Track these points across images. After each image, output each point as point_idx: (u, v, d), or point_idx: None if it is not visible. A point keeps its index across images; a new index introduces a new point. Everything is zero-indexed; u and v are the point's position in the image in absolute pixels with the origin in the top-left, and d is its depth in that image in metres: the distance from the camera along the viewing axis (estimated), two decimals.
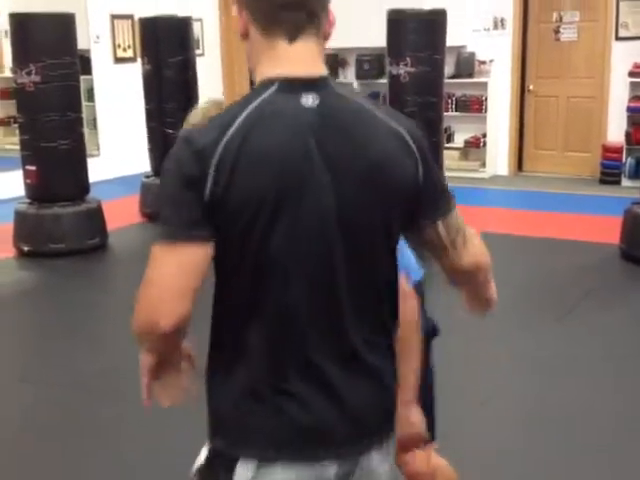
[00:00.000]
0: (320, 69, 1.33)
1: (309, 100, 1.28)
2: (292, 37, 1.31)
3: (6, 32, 8.63)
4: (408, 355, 1.66)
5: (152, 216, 6.14)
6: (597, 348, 4.03)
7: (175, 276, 1.26)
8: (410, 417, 1.68)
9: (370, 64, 9.00)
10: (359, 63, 9.10)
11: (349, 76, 9.31)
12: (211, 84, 9.48)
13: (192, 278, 1.27)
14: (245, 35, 1.34)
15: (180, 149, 1.26)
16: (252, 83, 1.68)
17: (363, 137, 1.31)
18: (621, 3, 7.80)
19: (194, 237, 1.25)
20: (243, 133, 1.24)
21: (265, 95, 1.28)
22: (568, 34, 8.27)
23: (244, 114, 1.26)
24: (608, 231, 5.81)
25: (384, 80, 8.05)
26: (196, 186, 1.23)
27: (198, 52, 8.08)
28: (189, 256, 1.26)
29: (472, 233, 1.49)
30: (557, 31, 8.33)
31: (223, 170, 1.23)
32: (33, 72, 5.46)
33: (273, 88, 1.29)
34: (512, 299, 4.81)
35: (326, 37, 1.37)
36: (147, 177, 6.74)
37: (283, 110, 1.28)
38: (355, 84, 9.16)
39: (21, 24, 5.64)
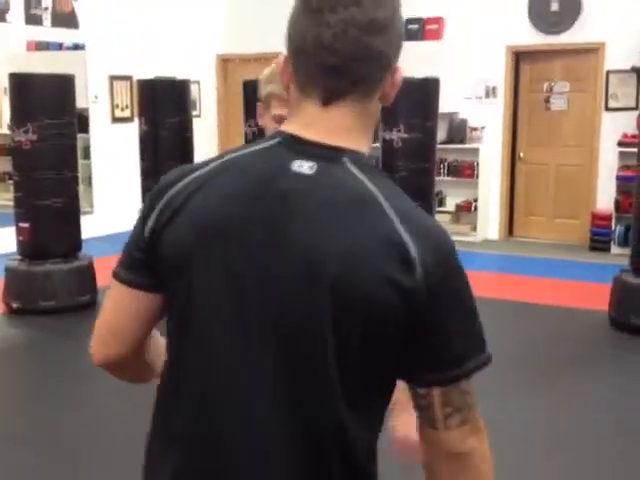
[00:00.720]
0: (346, 140, 1.10)
1: (302, 167, 1.08)
2: (326, 102, 1.10)
3: (5, 90, 8.80)
4: None
5: None
6: (584, 417, 4.01)
7: (110, 312, 1.19)
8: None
9: None
10: None
11: None
12: (207, 145, 9.60)
13: (127, 321, 1.16)
14: (287, 87, 1.15)
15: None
16: (247, 142, 1.73)
17: (335, 228, 1.04)
18: (610, 75, 7.99)
19: (127, 281, 1.16)
20: (202, 181, 1.11)
21: (257, 147, 1.14)
22: (558, 104, 8.44)
23: (219, 162, 1.13)
24: (597, 298, 5.84)
25: (377, 144, 8.19)
26: (144, 222, 1.14)
27: (195, 113, 8.19)
28: (124, 298, 1.16)
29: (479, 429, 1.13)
30: (547, 100, 8.50)
31: (166, 213, 1.10)
32: (30, 131, 5.53)
33: (273, 142, 1.13)
34: (500, 365, 4.80)
35: (386, 100, 1.15)
36: None
37: (260, 168, 1.10)
38: None
39: (20, 84, 5.73)
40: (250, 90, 7.15)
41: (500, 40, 8.38)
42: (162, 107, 6.83)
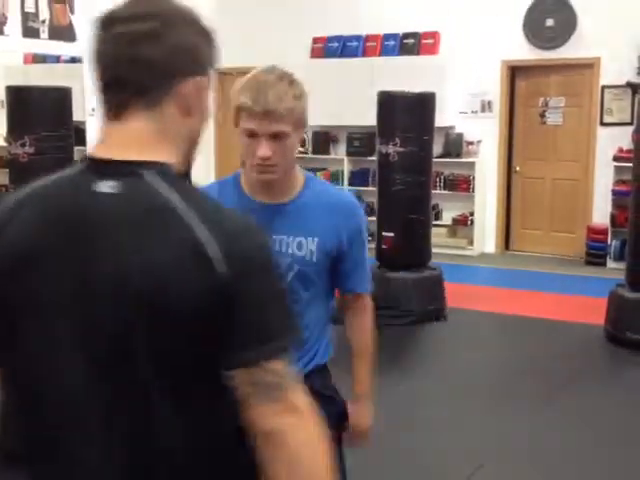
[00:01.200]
0: (143, 153, 1.12)
1: (105, 187, 1.10)
2: (114, 117, 1.15)
3: (2, 102, 8.81)
4: (363, 358, 2.00)
5: None
6: (582, 432, 4.00)
7: None
8: (359, 411, 2.03)
9: (360, 142, 9.17)
10: (349, 140, 9.28)
11: (340, 153, 9.47)
12: (204, 174, 9.63)
13: None
14: None
15: None
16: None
17: (136, 244, 1.07)
18: (605, 90, 8.02)
19: None
20: (9, 215, 1.13)
21: (64, 174, 1.16)
22: (554, 118, 8.47)
23: (24, 193, 1.15)
24: (593, 312, 5.84)
25: (374, 157, 8.20)
26: None
27: None
28: None
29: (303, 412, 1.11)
30: (543, 115, 8.53)
31: None
32: (27, 143, 5.53)
33: (79, 166, 1.15)
34: (496, 379, 4.80)
35: (189, 113, 1.17)
36: None
37: (63, 195, 1.14)
38: (345, 160, 9.31)
39: (17, 96, 5.74)
40: None
41: (496, 55, 8.41)
42: None
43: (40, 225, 1.12)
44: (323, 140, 9.52)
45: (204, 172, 9.69)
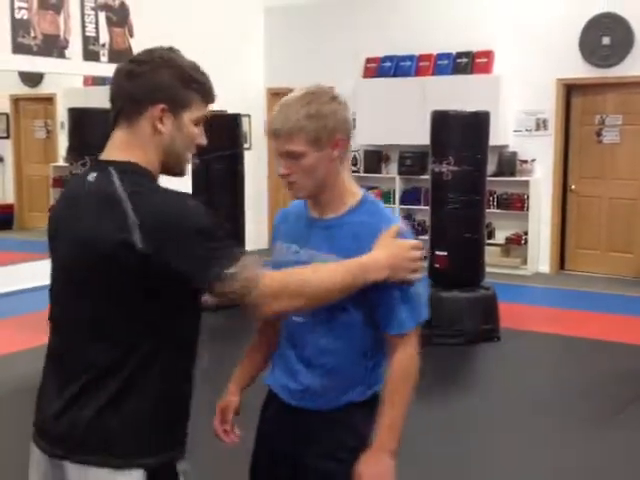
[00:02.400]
0: (116, 154, 1.66)
1: (91, 177, 1.65)
2: (112, 128, 1.70)
3: (62, 124, 9.04)
4: (386, 405, 1.83)
5: None
6: None
7: None
8: (366, 460, 1.80)
9: (412, 160, 9.17)
10: (401, 159, 9.28)
11: (391, 171, 9.48)
12: (257, 176, 9.74)
13: None
14: None
15: None
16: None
17: (92, 217, 1.60)
18: None
19: None
20: (60, 195, 1.78)
21: (84, 169, 1.91)
22: (610, 137, 8.36)
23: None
24: None
25: (425, 176, 8.20)
26: None
27: (245, 146, 8.32)
28: None
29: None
30: (599, 133, 8.42)
31: None
32: (88, 164, 5.67)
33: (90, 165, 1.78)
34: (552, 401, 4.73)
35: (157, 130, 1.66)
36: None
37: (74, 182, 1.83)
38: (397, 179, 9.32)
39: (79, 118, 5.90)
40: None
41: (551, 73, 8.35)
42: (214, 140, 6.92)
43: (61, 203, 1.74)
44: (375, 159, 9.55)
45: (258, 184, 9.79)
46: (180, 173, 1.77)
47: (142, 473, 1.60)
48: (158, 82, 1.65)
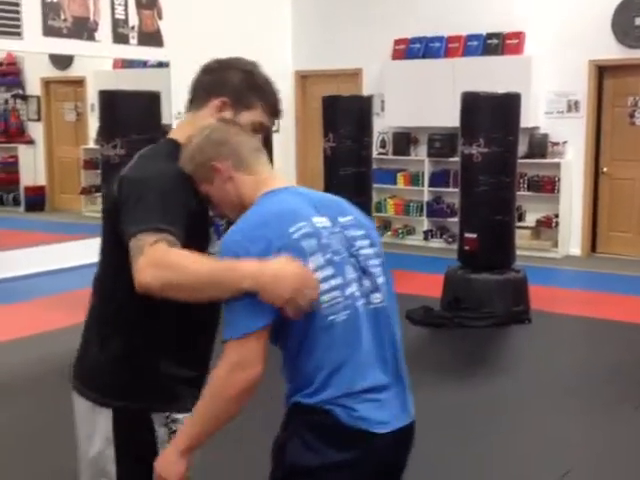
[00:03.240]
0: (173, 132, 1.94)
1: None
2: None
3: (92, 106, 9.11)
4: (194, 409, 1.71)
5: None
6: None
7: None
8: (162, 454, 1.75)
9: (441, 143, 9.11)
10: (430, 141, 9.23)
11: (420, 153, 9.44)
12: (286, 160, 9.73)
13: None
14: None
15: None
16: (325, 158, 1.93)
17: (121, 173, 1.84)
18: None
19: None
20: None
21: None
22: None
23: None
24: None
25: (455, 158, 8.15)
26: None
27: (274, 129, 8.31)
28: None
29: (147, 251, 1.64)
30: (632, 115, 8.30)
31: None
32: (119, 145, 5.72)
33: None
34: (582, 383, 4.70)
35: (215, 112, 1.86)
36: None
37: None
38: (426, 162, 9.27)
39: (109, 100, 5.93)
40: (329, 106, 7.24)
41: (583, 54, 8.23)
42: None
43: None
44: (404, 141, 9.50)
45: (286, 167, 9.80)
46: None
47: (110, 413, 1.81)
48: (227, 79, 1.88)
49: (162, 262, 1.61)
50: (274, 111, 1.94)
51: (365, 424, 1.65)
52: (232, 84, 1.88)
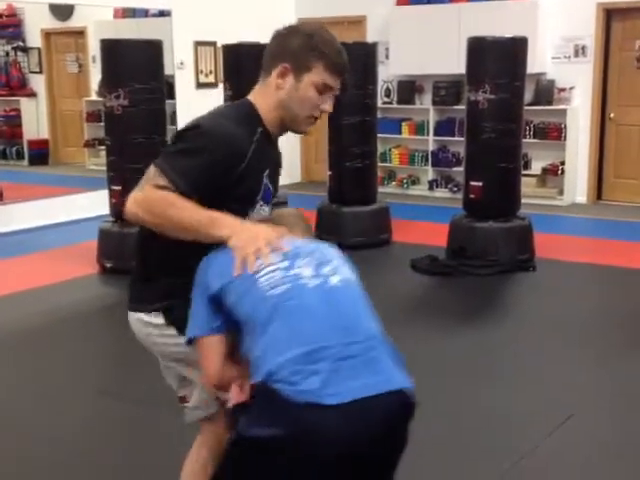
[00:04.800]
0: (254, 96, 2.03)
1: None
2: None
3: (93, 58, 9.01)
4: None
5: None
6: None
7: None
8: None
9: (446, 90, 9.01)
10: (436, 89, 9.13)
11: (425, 102, 9.34)
12: None
13: None
14: None
15: None
16: (335, 109, 2.05)
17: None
18: None
19: None
20: None
21: None
22: None
23: None
24: None
25: (460, 106, 8.07)
26: None
27: None
28: None
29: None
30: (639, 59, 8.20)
31: None
32: (122, 96, 5.66)
33: None
34: (587, 329, 4.73)
35: (276, 86, 1.97)
36: None
37: None
38: (431, 110, 9.18)
39: (111, 50, 5.85)
40: None
41: None
42: (246, 72, 6.87)
43: None
44: (408, 89, 9.40)
45: None
46: (299, 132, 2.08)
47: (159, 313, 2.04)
48: (288, 45, 1.95)
49: (152, 206, 1.83)
50: (336, 68, 1.96)
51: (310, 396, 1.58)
52: (291, 48, 1.94)
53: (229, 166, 1.90)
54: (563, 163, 8.46)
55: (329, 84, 1.96)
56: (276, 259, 1.77)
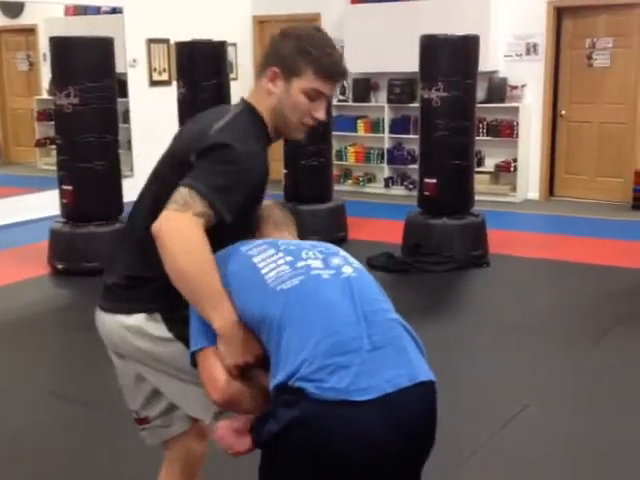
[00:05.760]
0: (252, 98, 1.94)
1: None
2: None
3: (44, 55, 8.86)
4: None
5: None
6: (630, 374, 3.99)
7: None
8: None
9: (401, 88, 9.06)
10: (390, 87, 9.17)
11: (380, 100, 9.38)
12: None
13: None
14: None
15: None
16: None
17: (191, 129, 1.95)
18: None
19: None
20: None
21: None
22: (601, 60, 8.26)
23: None
24: None
25: (415, 104, 8.12)
26: None
27: (232, 76, 8.18)
28: None
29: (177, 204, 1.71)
30: (590, 57, 8.33)
31: None
32: (72, 94, 5.57)
33: None
34: (541, 322, 4.80)
35: (267, 91, 1.91)
36: None
37: None
38: (386, 108, 9.22)
39: (61, 47, 5.76)
40: None
41: None
42: (200, 70, 6.83)
43: None
44: (363, 87, 9.43)
45: None
46: (293, 138, 1.99)
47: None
48: (279, 49, 1.89)
49: (182, 236, 1.67)
50: (327, 73, 1.86)
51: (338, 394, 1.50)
52: (282, 53, 1.88)
53: (259, 185, 1.86)
54: (516, 160, 8.57)
55: (319, 90, 1.86)
56: (276, 253, 1.72)
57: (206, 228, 1.70)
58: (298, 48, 1.85)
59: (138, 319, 1.92)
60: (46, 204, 7.14)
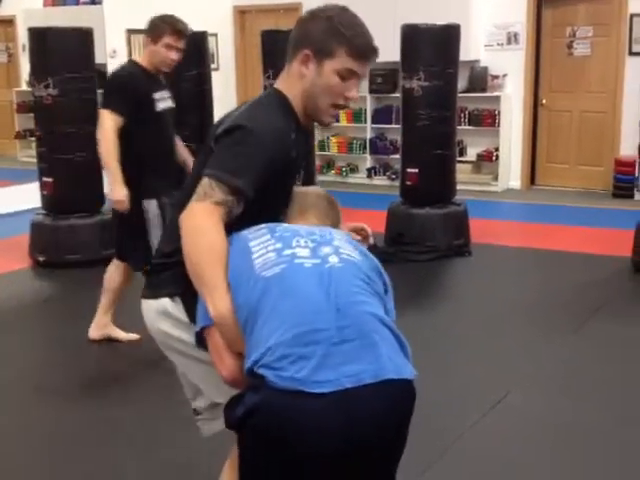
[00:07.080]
0: (280, 85, 1.95)
1: None
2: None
3: (23, 47, 8.78)
4: None
5: None
6: (610, 361, 4.03)
7: None
8: None
9: (383, 78, 9.06)
10: (372, 77, 9.16)
11: (362, 90, 9.37)
12: (225, 98, 9.55)
13: None
14: None
15: None
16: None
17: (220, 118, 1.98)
18: (634, 19, 7.83)
19: None
20: None
21: None
22: (581, 49, 8.30)
23: None
24: (620, 244, 5.82)
25: (397, 94, 8.11)
26: None
27: (213, 67, 8.14)
28: None
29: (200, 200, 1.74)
30: (570, 46, 8.37)
31: None
32: (51, 85, 5.53)
33: None
34: (523, 310, 4.83)
35: (299, 74, 1.89)
36: None
37: None
38: (368, 98, 9.22)
39: (40, 38, 5.70)
40: (268, 41, 7.10)
41: None
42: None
43: None
44: None
45: (226, 106, 9.64)
46: (322, 123, 1.97)
47: None
48: (310, 30, 1.86)
49: (190, 226, 1.72)
50: (360, 53, 1.86)
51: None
52: (313, 34, 1.85)
53: (282, 159, 1.84)
54: (497, 149, 8.60)
55: (353, 70, 1.86)
56: (270, 239, 1.72)
57: (230, 214, 1.74)
58: (330, 28, 1.84)
59: (163, 303, 1.94)
60: (27, 196, 7.08)
